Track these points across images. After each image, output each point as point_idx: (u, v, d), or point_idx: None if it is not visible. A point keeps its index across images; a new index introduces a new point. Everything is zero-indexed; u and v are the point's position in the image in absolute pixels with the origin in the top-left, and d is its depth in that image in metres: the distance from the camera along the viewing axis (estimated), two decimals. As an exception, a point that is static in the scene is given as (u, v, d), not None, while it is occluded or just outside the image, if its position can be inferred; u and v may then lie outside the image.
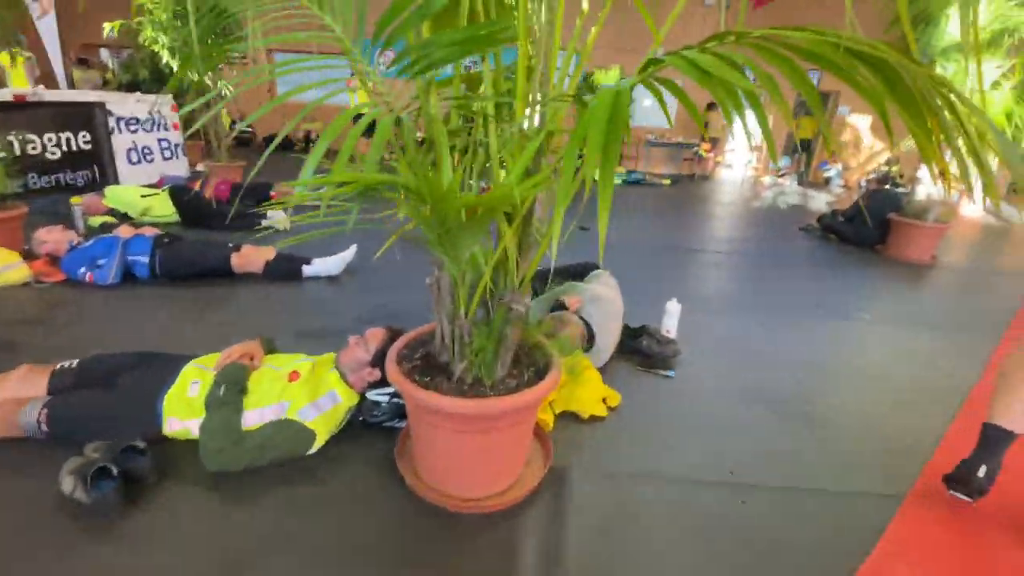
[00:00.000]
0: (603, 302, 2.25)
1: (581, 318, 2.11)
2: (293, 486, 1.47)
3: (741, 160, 10.84)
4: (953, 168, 0.90)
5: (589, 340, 2.09)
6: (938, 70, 4.63)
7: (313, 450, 1.56)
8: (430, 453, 1.40)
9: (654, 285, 3.36)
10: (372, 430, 1.69)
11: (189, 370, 1.61)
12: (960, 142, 0.79)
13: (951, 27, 4.41)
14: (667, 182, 9.17)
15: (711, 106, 9.93)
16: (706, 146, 10.01)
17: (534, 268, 1.25)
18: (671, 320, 2.50)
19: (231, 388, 1.51)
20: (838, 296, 3.51)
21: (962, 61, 4.51)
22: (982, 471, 1.52)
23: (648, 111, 10.26)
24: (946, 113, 0.78)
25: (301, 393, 1.57)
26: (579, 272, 2.56)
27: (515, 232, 1.10)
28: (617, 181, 8.90)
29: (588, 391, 1.91)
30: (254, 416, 1.53)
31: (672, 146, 10.22)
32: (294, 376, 1.61)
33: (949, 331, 2.98)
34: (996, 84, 4.39)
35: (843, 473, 1.68)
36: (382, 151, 0.87)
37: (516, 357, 1.45)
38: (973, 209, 7.32)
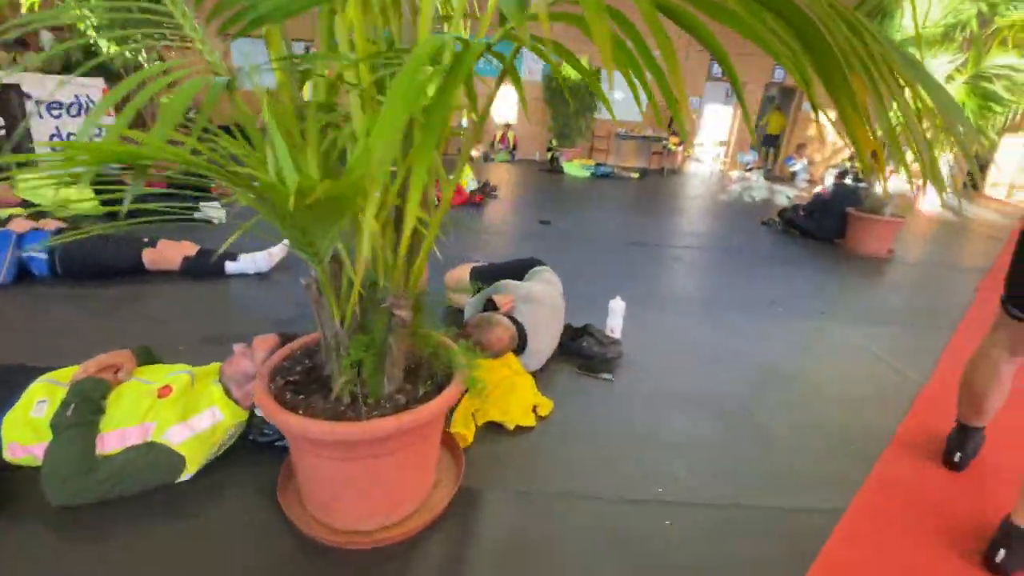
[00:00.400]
0: (538, 301, 2.09)
1: (512, 319, 1.94)
2: (154, 521, 1.26)
3: (709, 154, 10.86)
4: (916, 158, 0.75)
5: (521, 342, 1.93)
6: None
7: (184, 477, 1.35)
8: (312, 482, 1.21)
9: (612, 281, 3.22)
10: (263, 451, 1.49)
11: (36, 387, 1.37)
12: (893, 113, 0.64)
13: (906, 20, 4.38)
14: (636, 176, 9.09)
15: (679, 100, 9.88)
16: (674, 139, 9.97)
17: (422, 268, 1.07)
18: (615, 319, 2.36)
19: (83, 407, 1.29)
20: (795, 292, 3.43)
21: (917, 54, 4.50)
22: (957, 456, 1.67)
23: (619, 105, 10.15)
24: (872, 69, 0.62)
25: (171, 411, 1.36)
26: (519, 269, 2.39)
27: (384, 224, 0.92)
28: (586, 174, 8.80)
29: (517, 399, 1.75)
30: (113, 439, 1.31)
31: (641, 139, 10.15)
32: (165, 391, 1.40)
33: (903, 327, 2.93)
34: (950, 78, 4.39)
35: (783, 487, 1.55)
36: (176, 120, 0.68)
37: (414, 368, 1.27)
38: (929, 204, 7.44)
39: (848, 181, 6.79)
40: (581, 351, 2.20)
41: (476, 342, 1.78)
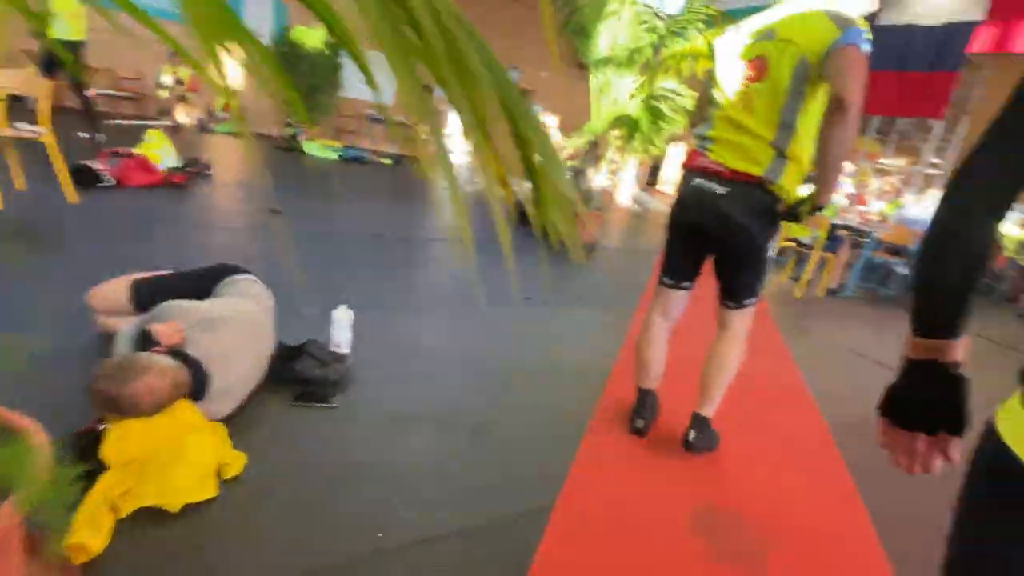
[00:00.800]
0: (226, 323, 1.64)
1: (183, 355, 1.46)
2: None
3: (459, 147, 11.25)
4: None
5: (197, 386, 1.46)
6: (592, 79, 5.40)
7: None
8: None
9: (352, 283, 2.88)
10: None
11: None
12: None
13: (602, 41, 5.15)
14: (389, 162, 8.80)
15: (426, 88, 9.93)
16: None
17: None
18: (340, 332, 2.06)
19: None
20: (521, 283, 3.70)
21: (611, 72, 5.35)
22: (639, 423, 1.94)
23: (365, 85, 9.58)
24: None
25: None
26: (204, 281, 1.86)
27: None
28: (333, 156, 8.07)
29: (185, 469, 1.30)
30: None
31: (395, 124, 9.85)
32: None
33: (601, 308, 3.43)
34: (632, 95, 5.36)
35: (505, 494, 1.54)
36: None
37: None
38: (622, 198, 9.24)
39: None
40: (296, 375, 1.85)
41: (107, 401, 1.26)
